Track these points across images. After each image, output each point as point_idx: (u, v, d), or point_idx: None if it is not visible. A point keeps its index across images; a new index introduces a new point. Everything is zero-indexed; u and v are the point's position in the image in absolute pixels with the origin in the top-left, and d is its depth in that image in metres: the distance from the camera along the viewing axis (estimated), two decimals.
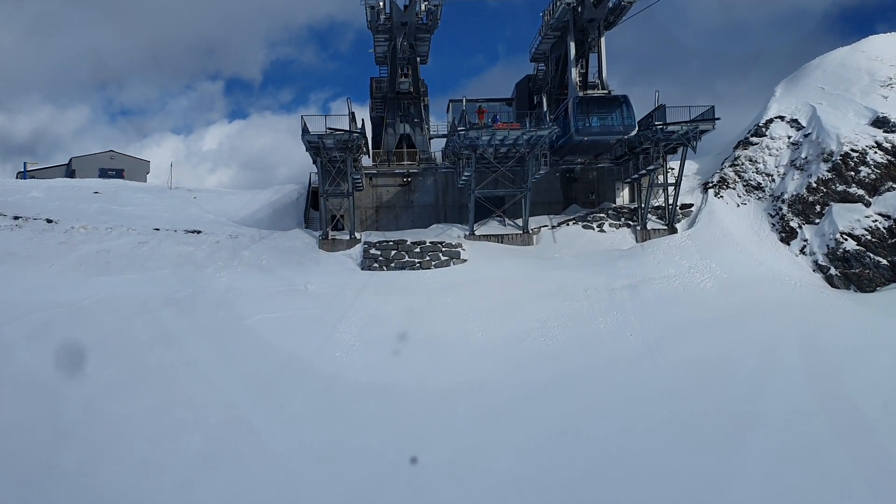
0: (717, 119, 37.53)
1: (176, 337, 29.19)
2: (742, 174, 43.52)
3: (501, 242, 40.61)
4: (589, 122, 37.11)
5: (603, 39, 40.23)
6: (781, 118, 45.14)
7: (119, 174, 68.75)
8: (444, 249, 38.17)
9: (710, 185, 43.52)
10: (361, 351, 30.00)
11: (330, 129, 35.98)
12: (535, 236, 41.22)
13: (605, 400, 26.72)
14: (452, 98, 52.26)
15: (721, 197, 42.66)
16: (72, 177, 64.80)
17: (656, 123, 37.66)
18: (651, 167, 39.31)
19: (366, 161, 45.12)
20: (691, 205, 42.88)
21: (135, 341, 28.68)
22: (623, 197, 46.75)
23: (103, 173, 67.73)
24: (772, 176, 42.76)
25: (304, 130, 36.12)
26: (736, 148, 45.59)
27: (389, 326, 31.55)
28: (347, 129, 36.58)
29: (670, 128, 37.52)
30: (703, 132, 38.21)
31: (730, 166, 44.33)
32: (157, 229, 38.84)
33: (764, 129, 44.84)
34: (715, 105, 37.39)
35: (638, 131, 37.56)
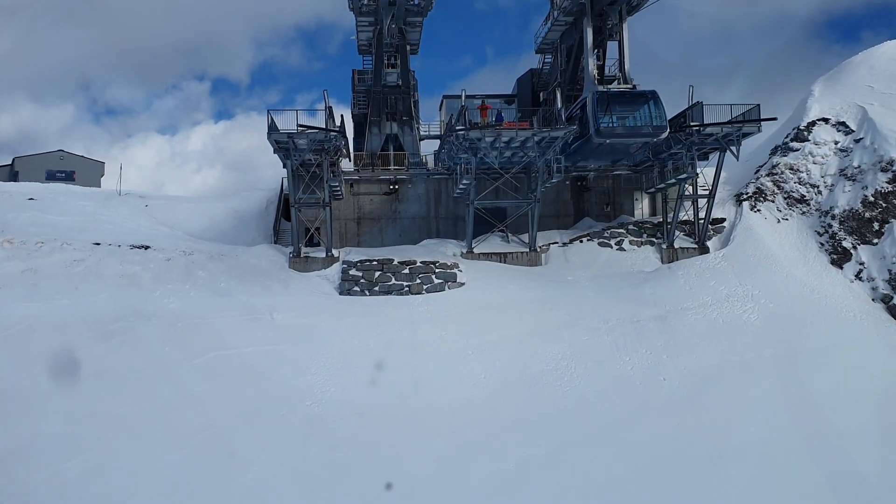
0: (773, 119, 33.54)
1: (104, 385, 24.73)
2: (782, 185, 39.58)
3: (504, 262, 36.62)
4: (612, 121, 32.94)
5: (626, 25, 36.13)
6: (825, 120, 41.32)
7: (69, 177, 64.39)
8: (437, 271, 33.96)
9: (745, 196, 39.59)
10: (336, 399, 25.66)
11: (302, 126, 31.59)
12: (543, 255, 37.17)
13: (642, 466, 22.71)
14: (447, 94, 48.37)
15: (758, 211, 38.69)
16: (14, 179, 60.38)
17: (691, 124, 33.56)
18: (683, 176, 35.18)
19: (346, 165, 40.95)
20: (723, 220, 38.92)
21: (47, 391, 24.11)
22: (642, 209, 42.75)
23: (51, 175, 63.42)
24: (817, 187, 38.85)
25: (271, 128, 31.78)
26: (773, 154, 41.73)
27: (371, 367, 27.29)
28: (324, 126, 32.23)
29: (708, 129, 33.40)
30: (746, 135, 34.14)
31: (767, 175, 40.43)
32: (98, 244, 34.34)
33: (806, 134, 40.99)
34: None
35: (669, 133, 33.43)
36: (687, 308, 32.04)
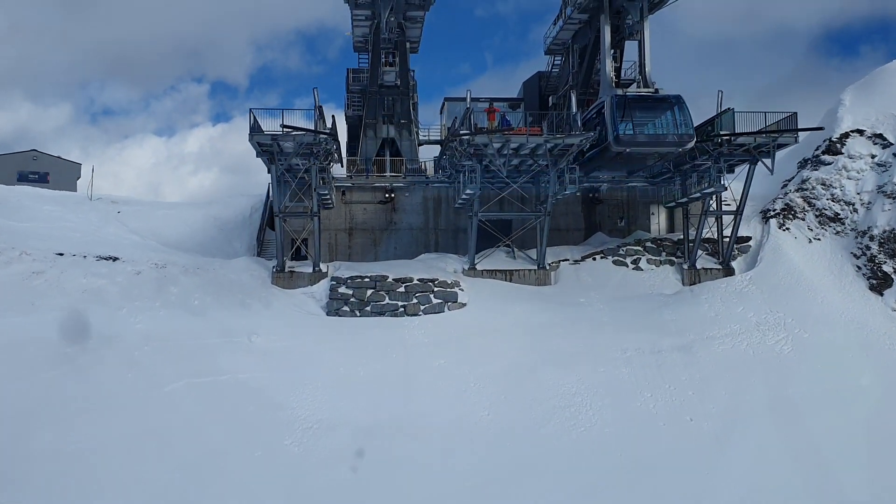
0: (819, 129, 31.14)
1: (53, 418, 22.20)
2: (813, 201, 37.23)
3: (510, 280, 34.29)
4: (633, 128, 30.48)
5: (647, 23, 33.75)
6: (860, 132, 39.01)
7: (42, 178, 62.09)
8: (436, 290, 31.54)
9: (772, 213, 37.24)
10: (320, 439, 23.15)
11: (287, 127, 29.06)
12: (552, 273, 34.77)
13: None
14: (448, 96, 46.06)
15: (787, 229, 36.33)
16: None
17: (721, 133, 31.15)
18: (710, 190, 32.75)
19: (338, 171, 38.65)
20: (748, 238, 36.59)
21: None
22: (659, 224, 40.49)
23: (23, 177, 61.09)
24: (853, 205, 36.51)
25: (254, 128, 29.29)
26: (802, 167, 39.39)
27: (361, 401, 24.87)
28: (313, 128, 29.73)
29: (740, 139, 31.00)
30: (780, 146, 31.75)
31: (796, 191, 38.13)
32: (61, 254, 31.91)
33: (839, 146, 38.61)
34: None
35: (696, 142, 31.01)
36: (713, 337, 29.63)
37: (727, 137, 31.03)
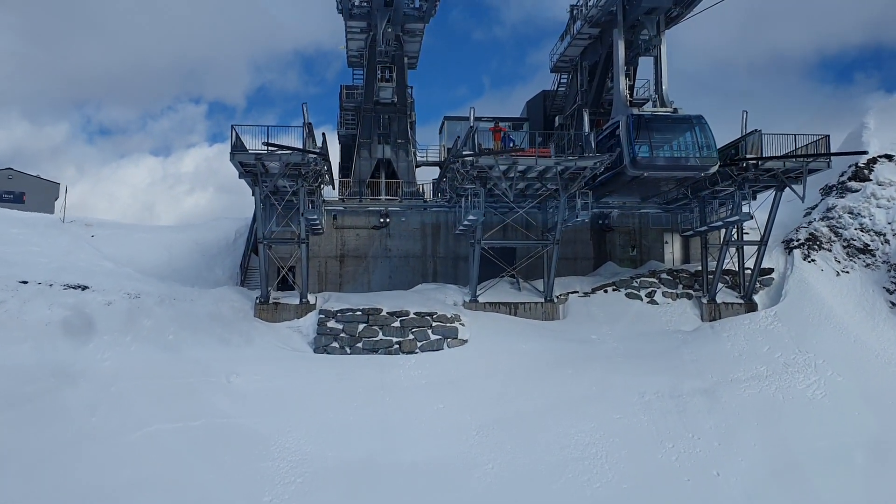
0: (863, 152, 29.43)
1: (5, 473, 20.05)
2: (840, 231, 35.46)
3: (515, 314, 32.47)
4: (651, 150, 28.61)
5: (664, 38, 32.07)
6: (889, 157, 37.33)
7: (18, 199, 59.82)
8: (434, 324, 29.58)
9: (795, 243, 35.45)
10: (305, 495, 21.03)
11: (272, 145, 27.09)
12: (560, 306, 32.84)
13: None
14: (448, 115, 44.30)
15: (812, 261, 34.53)
16: None
17: (747, 157, 29.29)
18: (733, 218, 30.85)
19: (329, 193, 36.88)
20: (770, 270, 34.77)
21: None
22: (673, 254, 38.60)
23: None
24: (884, 235, 34.72)
25: (236, 146, 27.33)
26: (827, 194, 37.69)
27: (351, 450, 22.80)
28: (301, 147, 27.80)
29: (768, 163, 29.16)
30: (812, 171, 29.91)
31: (821, 220, 36.44)
32: (25, 282, 29.75)
33: (866, 172, 36.90)
34: None
35: (720, 166, 29.17)
36: (737, 380, 27.70)
37: (754, 161, 29.16)
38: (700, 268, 34.59)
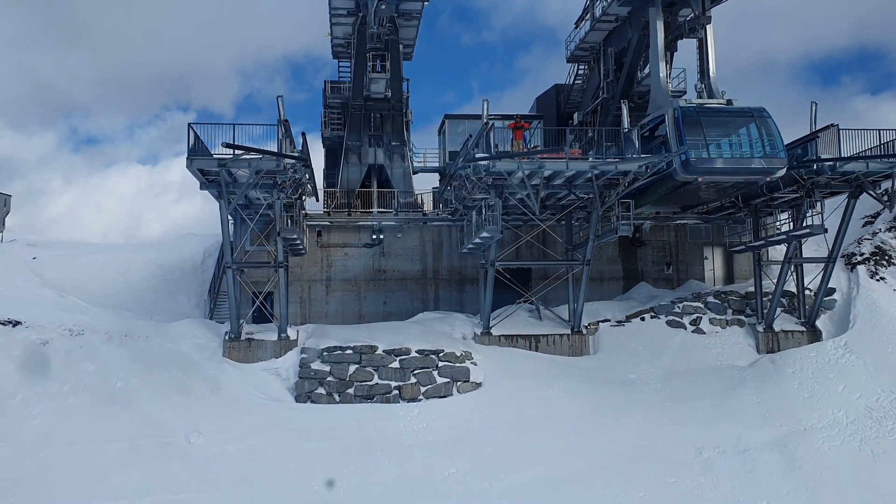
0: None
1: None
2: None
3: (536, 349, 29.10)
4: (708, 150, 24.83)
5: (710, 17, 28.49)
6: None
7: None
8: (441, 364, 26.15)
9: (858, 258, 32.10)
10: None
11: (238, 148, 23.12)
12: (590, 337, 29.14)
13: None
14: (450, 113, 40.52)
15: (882, 279, 31.38)
16: None
17: (821, 158, 25.52)
18: (802, 231, 27.09)
19: (312, 206, 33.78)
20: (832, 290, 31.42)
21: None
22: (713, 272, 35.26)
23: None
24: None
25: (194, 150, 23.43)
26: None
27: None
28: (276, 150, 23.91)
29: (847, 166, 25.38)
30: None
31: (887, 230, 33.42)
32: None
33: None
34: None
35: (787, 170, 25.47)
36: (812, 429, 24.10)
37: (831, 163, 25.37)
38: (751, 289, 30.99)
